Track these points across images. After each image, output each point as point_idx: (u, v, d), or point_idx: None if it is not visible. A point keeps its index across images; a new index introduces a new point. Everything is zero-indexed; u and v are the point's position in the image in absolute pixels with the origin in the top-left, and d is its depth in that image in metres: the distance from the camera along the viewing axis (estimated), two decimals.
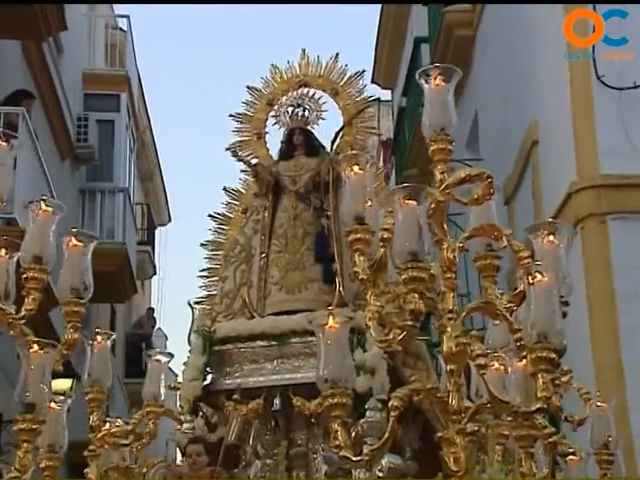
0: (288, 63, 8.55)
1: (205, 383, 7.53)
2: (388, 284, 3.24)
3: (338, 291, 7.55)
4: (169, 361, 4.24)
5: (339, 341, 3.07)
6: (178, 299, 29.28)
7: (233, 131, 8.51)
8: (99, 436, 3.92)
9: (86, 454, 4.00)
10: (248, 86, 8.58)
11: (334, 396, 2.98)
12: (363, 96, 8.50)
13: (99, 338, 3.92)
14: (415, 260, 3.02)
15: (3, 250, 3.41)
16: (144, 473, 5.49)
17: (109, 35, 16.69)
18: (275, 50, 38.68)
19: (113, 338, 4.02)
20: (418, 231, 3.07)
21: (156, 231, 20.43)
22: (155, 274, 20.35)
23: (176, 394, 7.29)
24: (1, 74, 10.67)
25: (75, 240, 3.52)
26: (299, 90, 8.50)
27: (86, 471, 4.02)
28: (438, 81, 3.22)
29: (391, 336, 3.07)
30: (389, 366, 6.92)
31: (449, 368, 3.03)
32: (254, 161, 8.39)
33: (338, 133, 8.35)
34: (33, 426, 3.24)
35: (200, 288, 8.29)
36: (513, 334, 3.07)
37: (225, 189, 8.54)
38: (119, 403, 16.21)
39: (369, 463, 3.03)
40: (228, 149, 8.40)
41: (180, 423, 6.94)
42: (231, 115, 8.51)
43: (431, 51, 13.09)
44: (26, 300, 3.39)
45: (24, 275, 3.40)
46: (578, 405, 4.13)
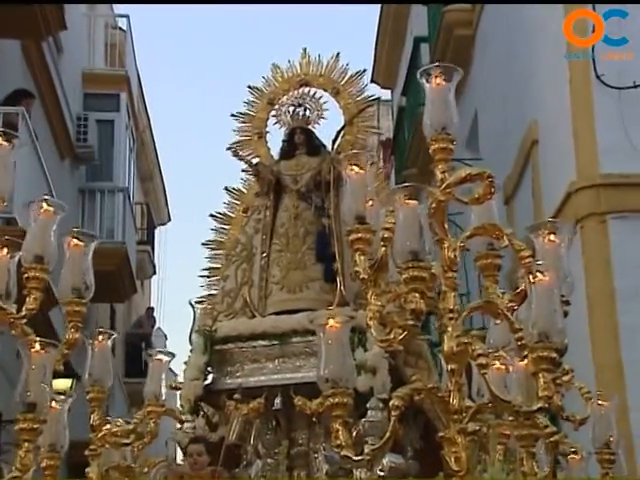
0: (289, 62, 8.54)
1: (206, 383, 7.53)
2: (389, 283, 3.24)
3: (339, 290, 7.55)
4: (170, 360, 4.23)
5: (340, 340, 3.06)
6: (178, 299, 29.30)
7: (234, 130, 8.50)
8: (100, 435, 3.92)
9: (87, 453, 3.99)
10: (249, 85, 8.57)
11: (335, 396, 2.98)
12: (364, 95, 8.49)
13: (100, 337, 3.91)
14: (416, 259, 3.02)
15: (4, 249, 3.41)
16: (145, 473, 5.49)
17: (109, 35, 16.69)
18: (275, 50, 38.77)
19: (114, 337, 4.01)
20: (419, 230, 3.07)
21: (156, 231, 20.43)
22: (155, 274, 20.36)
23: (176, 394, 7.29)
24: (1, 74, 10.66)
25: (76, 240, 3.52)
26: (300, 89, 8.49)
27: (87, 470, 4.02)
28: (439, 80, 3.22)
29: (392, 335, 3.07)
30: (390, 365, 6.91)
31: (450, 368, 3.02)
32: (255, 160, 8.39)
33: (339, 132, 8.33)
34: (34, 425, 3.24)
35: (201, 287, 8.30)
36: (514, 333, 3.07)
37: (226, 188, 8.54)
38: (119, 403, 16.21)
39: (370, 462, 3.02)
40: (229, 148, 8.39)
41: (181, 423, 6.94)
42: (232, 114, 8.50)
43: (431, 51, 13.10)
44: (27, 300, 3.38)
45: (25, 275, 3.40)
46: (580, 404, 4.13)
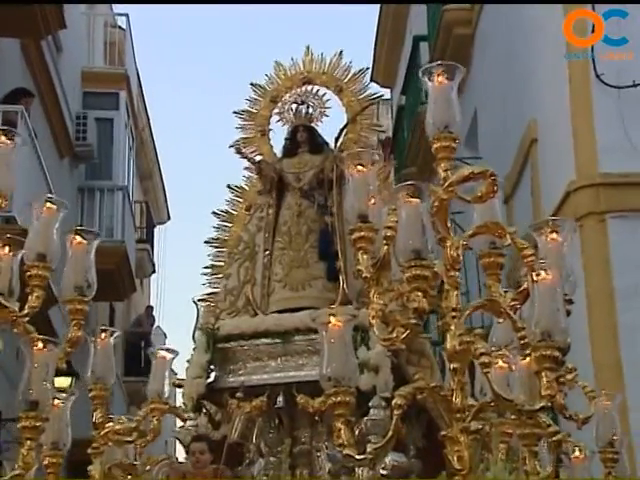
0: (292, 60, 8.55)
1: (209, 381, 7.53)
2: (392, 282, 3.23)
3: (342, 288, 7.54)
4: (174, 358, 4.23)
5: (342, 339, 3.06)
6: (177, 297, 29.33)
7: (237, 128, 8.51)
8: (102, 433, 3.92)
9: (90, 451, 3.99)
10: (252, 83, 8.58)
11: (337, 394, 2.97)
12: (367, 93, 8.50)
13: (103, 335, 3.91)
14: (418, 258, 3.01)
15: (7, 248, 3.41)
16: (147, 470, 5.49)
17: (108, 33, 16.70)
18: (274, 49, 38.76)
19: (117, 335, 4.01)
20: (421, 229, 3.06)
21: (155, 229, 20.42)
22: (154, 272, 20.36)
23: (178, 392, 7.29)
24: (0, 72, 10.66)
25: (79, 237, 3.52)
26: (303, 87, 8.49)
27: (89, 468, 4.02)
28: (442, 79, 3.21)
29: (395, 334, 3.06)
30: (393, 364, 6.92)
31: (453, 366, 3.02)
32: (258, 158, 8.39)
33: (342, 130, 8.33)
34: (36, 424, 3.24)
35: (202, 286, 8.31)
36: (517, 332, 3.07)
37: (229, 186, 8.55)
38: (118, 401, 16.19)
39: (373, 461, 3.01)
40: (232, 146, 8.39)
41: (184, 420, 6.94)
42: (235, 112, 8.51)
43: (430, 50, 13.09)
44: (30, 298, 3.38)
45: (28, 273, 3.40)
46: (583, 403, 4.13)
